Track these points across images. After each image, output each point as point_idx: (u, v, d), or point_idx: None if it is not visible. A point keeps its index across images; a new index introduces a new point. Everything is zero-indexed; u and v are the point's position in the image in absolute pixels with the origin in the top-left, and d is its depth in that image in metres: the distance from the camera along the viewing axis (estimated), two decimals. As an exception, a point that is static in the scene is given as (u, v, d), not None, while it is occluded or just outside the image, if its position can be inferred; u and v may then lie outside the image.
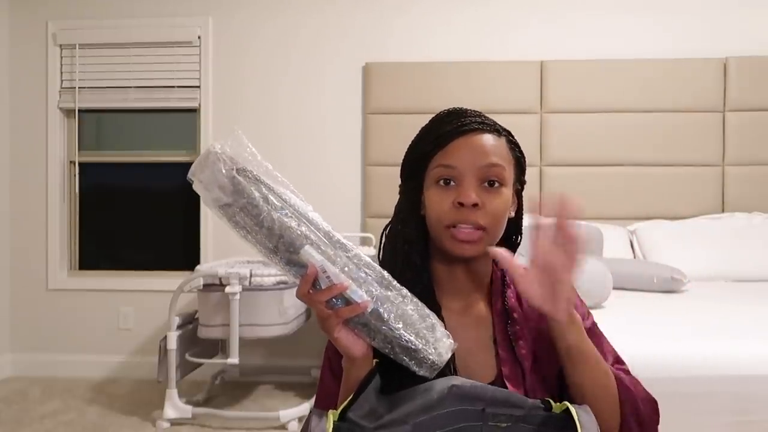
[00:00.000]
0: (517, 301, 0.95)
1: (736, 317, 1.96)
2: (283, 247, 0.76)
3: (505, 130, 0.95)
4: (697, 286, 2.56)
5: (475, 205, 0.87)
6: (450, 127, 0.91)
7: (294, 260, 0.76)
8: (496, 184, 0.89)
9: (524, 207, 0.99)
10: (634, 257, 2.97)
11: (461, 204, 0.87)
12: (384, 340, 0.78)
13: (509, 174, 0.92)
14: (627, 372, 0.93)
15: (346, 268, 0.77)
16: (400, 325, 0.77)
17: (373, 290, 0.78)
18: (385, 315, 0.77)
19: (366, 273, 0.78)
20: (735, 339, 1.70)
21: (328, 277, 0.75)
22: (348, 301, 0.76)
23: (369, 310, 0.76)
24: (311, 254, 0.75)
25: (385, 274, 0.80)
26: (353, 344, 0.80)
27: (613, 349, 0.96)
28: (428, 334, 0.78)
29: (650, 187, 3.23)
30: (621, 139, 3.25)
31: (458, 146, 0.89)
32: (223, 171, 0.75)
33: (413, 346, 0.77)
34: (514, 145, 0.95)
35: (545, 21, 3.36)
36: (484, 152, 0.89)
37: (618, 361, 0.94)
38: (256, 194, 0.75)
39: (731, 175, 3.22)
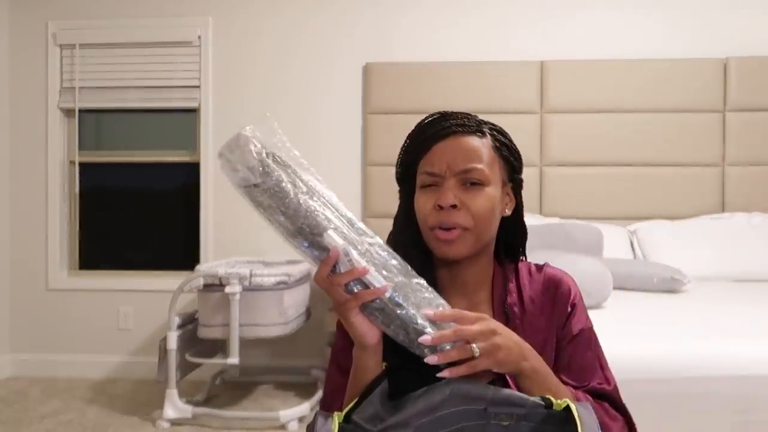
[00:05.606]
0: (518, 296, 0.95)
1: (736, 317, 1.96)
2: (307, 229, 0.77)
3: (492, 130, 0.95)
4: (698, 286, 2.56)
5: (454, 206, 0.88)
6: (431, 132, 0.93)
7: (316, 243, 0.78)
8: (478, 184, 0.90)
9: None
10: (634, 257, 2.97)
11: (441, 207, 0.89)
12: (399, 326, 0.79)
13: (493, 174, 0.92)
14: (611, 391, 0.91)
15: (367, 254, 0.79)
16: (417, 312, 0.79)
17: (392, 276, 0.79)
18: (403, 300, 0.78)
19: (386, 259, 0.81)
20: (735, 339, 1.70)
21: (350, 260, 0.76)
22: (366, 286, 0.78)
23: (388, 295, 0.78)
24: (334, 238, 0.77)
25: (403, 261, 0.82)
26: (368, 331, 0.81)
27: (601, 366, 0.94)
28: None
29: (650, 187, 3.23)
30: (621, 139, 3.25)
31: (438, 151, 0.91)
32: (254, 153, 0.77)
33: (429, 332, 0.78)
34: (501, 144, 0.95)
35: (545, 21, 3.36)
36: (462, 155, 0.90)
37: (604, 380, 0.92)
38: (284, 177, 0.78)
39: (731, 175, 3.22)
